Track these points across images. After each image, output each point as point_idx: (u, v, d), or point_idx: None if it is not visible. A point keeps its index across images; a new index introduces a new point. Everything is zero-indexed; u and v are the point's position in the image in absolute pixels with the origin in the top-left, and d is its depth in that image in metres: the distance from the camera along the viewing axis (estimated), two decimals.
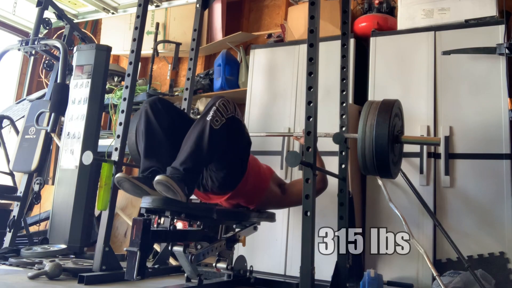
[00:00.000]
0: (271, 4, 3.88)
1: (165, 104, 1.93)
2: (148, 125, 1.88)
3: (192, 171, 1.69)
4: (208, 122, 1.71)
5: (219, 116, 1.73)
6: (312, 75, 1.69)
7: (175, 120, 1.92)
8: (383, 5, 2.93)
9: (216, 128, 1.71)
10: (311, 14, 1.74)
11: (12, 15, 4.24)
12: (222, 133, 1.73)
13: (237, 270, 2.08)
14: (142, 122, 1.89)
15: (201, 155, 1.70)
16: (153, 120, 1.87)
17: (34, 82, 4.75)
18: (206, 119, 1.73)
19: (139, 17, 2.34)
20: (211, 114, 1.72)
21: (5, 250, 2.66)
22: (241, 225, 2.08)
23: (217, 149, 1.75)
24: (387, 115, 1.76)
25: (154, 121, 1.87)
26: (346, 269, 1.98)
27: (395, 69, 2.61)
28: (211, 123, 1.71)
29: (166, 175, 1.62)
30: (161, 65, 4.27)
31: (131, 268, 1.60)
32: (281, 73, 2.98)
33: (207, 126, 1.71)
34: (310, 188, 1.61)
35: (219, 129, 1.72)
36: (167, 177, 1.61)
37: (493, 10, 2.45)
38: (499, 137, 2.29)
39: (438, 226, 2.20)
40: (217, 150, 1.75)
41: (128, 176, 1.76)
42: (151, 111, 1.88)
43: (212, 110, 1.73)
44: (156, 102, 1.92)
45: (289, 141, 2.81)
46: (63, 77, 3.02)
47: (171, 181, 1.60)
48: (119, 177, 1.76)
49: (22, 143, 3.09)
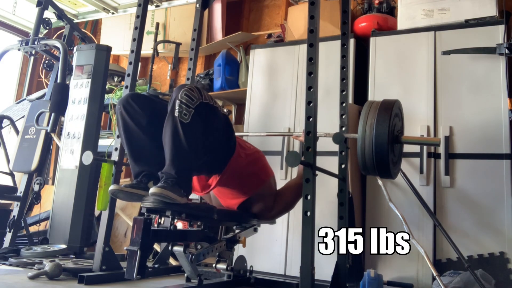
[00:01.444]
0: (271, 4, 3.88)
1: (139, 101, 1.82)
2: (126, 130, 1.80)
3: (183, 170, 1.64)
4: (177, 118, 1.62)
5: (185, 108, 1.63)
6: (312, 75, 1.69)
7: (152, 115, 1.82)
8: (383, 5, 2.94)
9: (187, 122, 1.62)
10: (311, 14, 1.74)
11: (12, 15, 4.24)
12: (195, 124, 1.65)
13: (237, 270, 2.08)
14: (120, 127, 1.82)
15: (184, 153, 1.64)
16: (130, 122, 1.79)
17: (34, 82, 4.75)
18: (174, 115, 1.63)
19: (139, 17, 2.34)
20: (177, 109, 1.63)
21: (5, 250, 2.66)
22: (241, 227, 2.08)
23: (197, 141, 1.68)
24: (387, 115, 1.76)
25: (131, 123, 1.79)
26: (346, 269, 1.97)
27: (395, 69, 2.61)
28: (180, 118, 1.62)
29: (159, 187, 1.57)
30: (161, 65, 4.27)
31: (131, 268, 1.60)
32: (281, 73, 2.98)
33: (178, 123, 1.62)
34: (310, 188, 1.61)
35: (190, 121, 1.63)
36: (160, 188, 1.56)
37: (493, 10, 2.45)
38: (499, 137, 2.29)
39: (438, 226, 2.20)
40: (198, 142, 1.68)
41: (120, 186, 1.73)
42: (126, 113, 1.79)
43: (177, 104, 1.64)
44: (129, 101, 1.80)
45: (289, 141, 2.81)
46: (63, 77, 3.02)
47: (165, 191, 1.56)
48: (113, 190, 1.73)
49: (22, 143, 3.09)
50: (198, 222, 1.97)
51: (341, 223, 2.05)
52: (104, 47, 3.06)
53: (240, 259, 2.11)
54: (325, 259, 2.28)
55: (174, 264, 2.58)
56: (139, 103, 1.81)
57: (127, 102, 1.81)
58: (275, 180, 2.13)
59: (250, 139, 2.94)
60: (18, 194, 2.94)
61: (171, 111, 1.66)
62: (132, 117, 1.79)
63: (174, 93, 1.68)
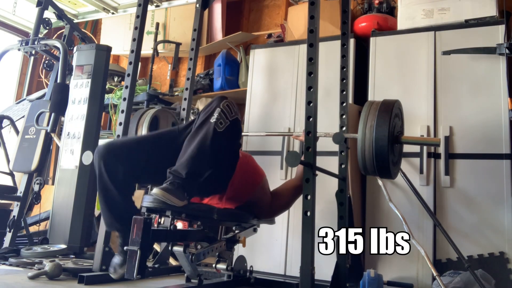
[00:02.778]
0: (271, 4, 3.88)
1: (116, 155, 1.78)
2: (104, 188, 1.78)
3: (193, 174, 1.66)
4: (213, 125, 1.67)
5: (223, 118, 1.70)
6: (312, 75, 1.69)
7: (129, 168, 1.80)
8: (383, 5, 2.94)
9: (220, 130, 1.68)
10: (311, 14, 1.74)
11: (12, 15, 4.24)
12: (226, 135, 1.70)
13: (237, 270, 2.08)
14: (98, 181, 1.79)
15: (203, 158, 1.67)
16: (107, 180, 1.77)
17: (34, 82, 4.75)
18: (210, 121, 1.69)
19: (139, 17, 2.34)
20: (215, 116, 1.69)
21: (5, 250, 2.65)
22: (241, 227, 2.08)
23: (220, 151, 1.72)
24: (387, 116, 1.76)
25: (108, 181, 1.77)
26: (346, 269, 1.97)
27: (395, 69, 2.61)
28: (215, 125, 1.67)
29: (162, 188, 1.58)
30: (161, 65, 4.27)
31: (131, 267, 1.59)
32: (281, 73, 2.98)
33: (211, 128, 1.67)
34: (310, 188, 1.61)
35: (223, 131, 1.69)
36: (163, 191, 1.57)
37: (493, 10, 2.45)
38: (499, 137, 2.29)
39: (438, 226, 2.20)
40: (219, 153, 1.72)
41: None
42: (104, 170, 1.76)
43: (217, 112, 1.70)
44: (106, 159, 1.77)
45: (289, 141, 2.81)
46: (63, 77, 3.02)
47: (167, 195, 1.57)
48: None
49: (22, 143, 3.09)
50: (198, 222, 1.97)
51: (341, 223, 2.05)
52: (104, 47, 3.06)
53: (240, 259, 2.11)
54: (325, 259, 2.27)
55: (174, 264, 2.58)
56: (118, 157, 1.79)
57: (105, 159, 1.77)
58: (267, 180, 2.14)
59: (250, 139, 2.94)
60: (18, 194, 2.94)
61: (208, 116, 1.71)
62: (109, 174, 1.77)
63: (216, 102, 1.74)
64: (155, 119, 2.39)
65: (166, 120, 2.49)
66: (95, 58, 2.98)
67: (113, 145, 1.85)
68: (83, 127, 2.89)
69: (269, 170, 2.73)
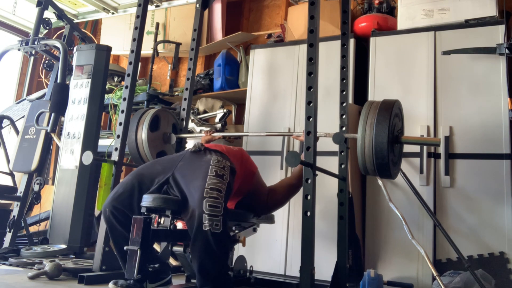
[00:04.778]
0: (271, 4, 3.88)
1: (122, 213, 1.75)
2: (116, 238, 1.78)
3: (219, 278, 1.63)
4: (208, 232, 1.56)
5: (214, 218, 1.58)
6: (312, 75, 1.69)
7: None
8: (383, 5, 2.93)
9: (220, 231, 1.58)
10: (311, 14, 1.74)
11: (12, 15, 4.24)
12: (226, 225, 1.63)
13: (237, 270, 2.08)
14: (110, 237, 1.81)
15: (219, 262, 1.62)
16: (120, 230, 1.76)
17: (34, 82, 4.75)
18: (203, 229, 1.56)
19: (139, 17, 2.34)
20: (207, 224, 1.57)
21: (5, 250, 2.66)
22: (241, 227, 2.08)
23: (228, 241, 1.70)
24: (387, 115, 1.76)
25: (120, 230, 1.75)
26: (346, 269, 1.98)
27: (395, 69, 2.61)
28: (212, 230, 1.57)
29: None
30: (161, 65, 4.27)
31: (131, 267, 1.60)
32: (281, 73, 2.98)
33: (209, 236, 1.56)
34: (310, 188, 1.61)
35: (223, 229, 1.59)
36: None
37: (493, 10, 2.45)
38: (499, 137, 2.29)
39: (438, 226, 2.20)
40: (228, 241, 1.70)
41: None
42: (117, 224, 1.75)
43: (204, 218, 1.57)
44: (113, 219, 1.75)
45: (289, 141, 2.81)
46: (63, 77, 3.02)
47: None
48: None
49: (22, 143, 3.09)
50: None
51: (341, 223, 2.05)
52: (104, 47, 3.06)
53: (240, 259, 2.11)
54: (325, 259, 2.28)
55: (174, 264, 2.58)
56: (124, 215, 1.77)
57: (112, 219, 1.76)
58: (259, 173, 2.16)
59: (250, 139, 2.94)
60: (18, 194, 2.94)
61: (199, 225, 1.57)
62: (121, 226, 1.75)
63: (197, 208, 1.59)
64: (155, 119, 2.39)
65: (166, 120, 2.49)
66: (95, 58, 2.98)
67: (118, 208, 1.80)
68: (83, 127, 2.89)
69: (269, 170, 2.73)
